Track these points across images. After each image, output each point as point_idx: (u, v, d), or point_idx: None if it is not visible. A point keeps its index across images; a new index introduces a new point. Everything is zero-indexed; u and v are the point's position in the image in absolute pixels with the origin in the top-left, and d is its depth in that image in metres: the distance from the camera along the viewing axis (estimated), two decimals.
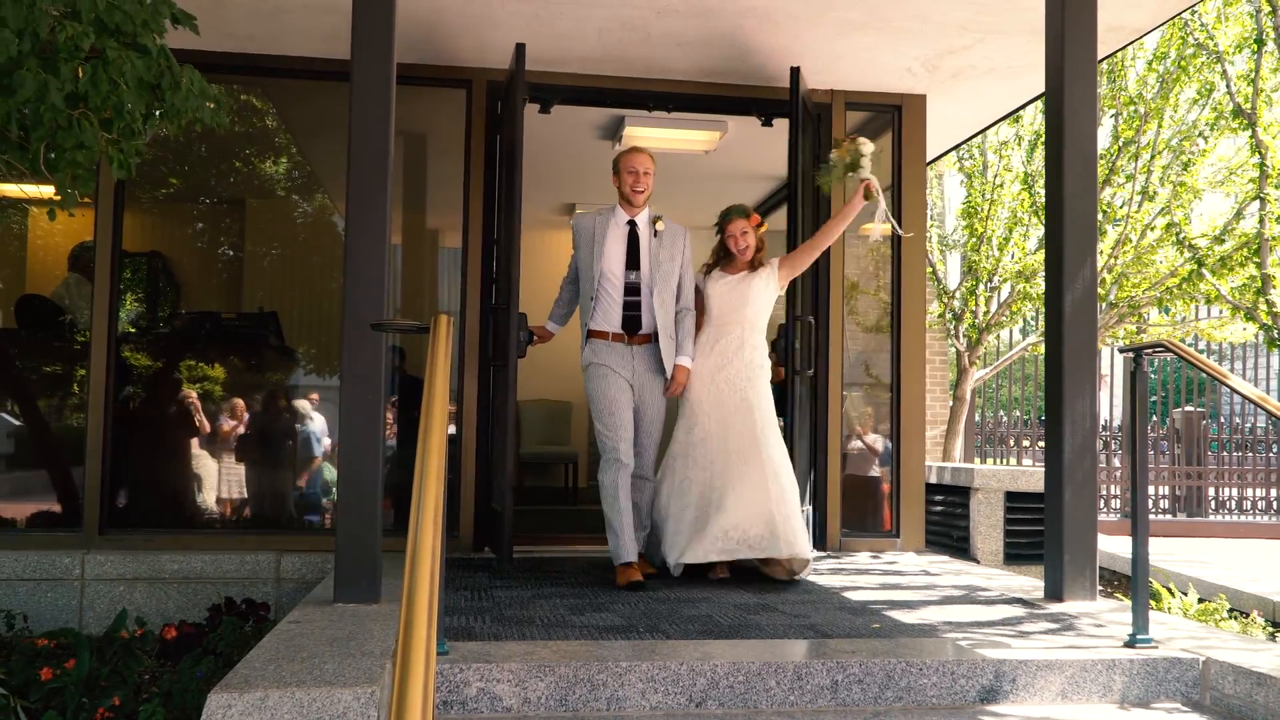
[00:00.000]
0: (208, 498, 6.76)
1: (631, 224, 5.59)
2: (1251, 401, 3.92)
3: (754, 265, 5.77)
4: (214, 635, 5.14)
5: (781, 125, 6.82)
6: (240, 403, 6.85)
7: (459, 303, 6.70)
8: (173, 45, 4.06)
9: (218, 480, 6.79)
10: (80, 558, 6.04)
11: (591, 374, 5.53)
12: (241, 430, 6.84)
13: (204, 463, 6.77)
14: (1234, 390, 3.99)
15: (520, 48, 6.03)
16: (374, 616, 4.15)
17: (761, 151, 7.99)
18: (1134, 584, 4.10)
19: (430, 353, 3.08)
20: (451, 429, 6.65)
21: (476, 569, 5.77)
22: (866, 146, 5.78)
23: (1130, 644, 3.96)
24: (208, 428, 6.76)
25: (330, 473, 6.86)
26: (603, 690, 3.52)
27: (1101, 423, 15.21)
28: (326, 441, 6.96)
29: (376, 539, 4.47)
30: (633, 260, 5.54)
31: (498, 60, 6.58)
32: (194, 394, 6.79)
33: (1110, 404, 16.80)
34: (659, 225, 5.61)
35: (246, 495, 6.87)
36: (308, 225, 7.38)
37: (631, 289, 5.53)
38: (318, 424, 7.07)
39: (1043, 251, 5.96)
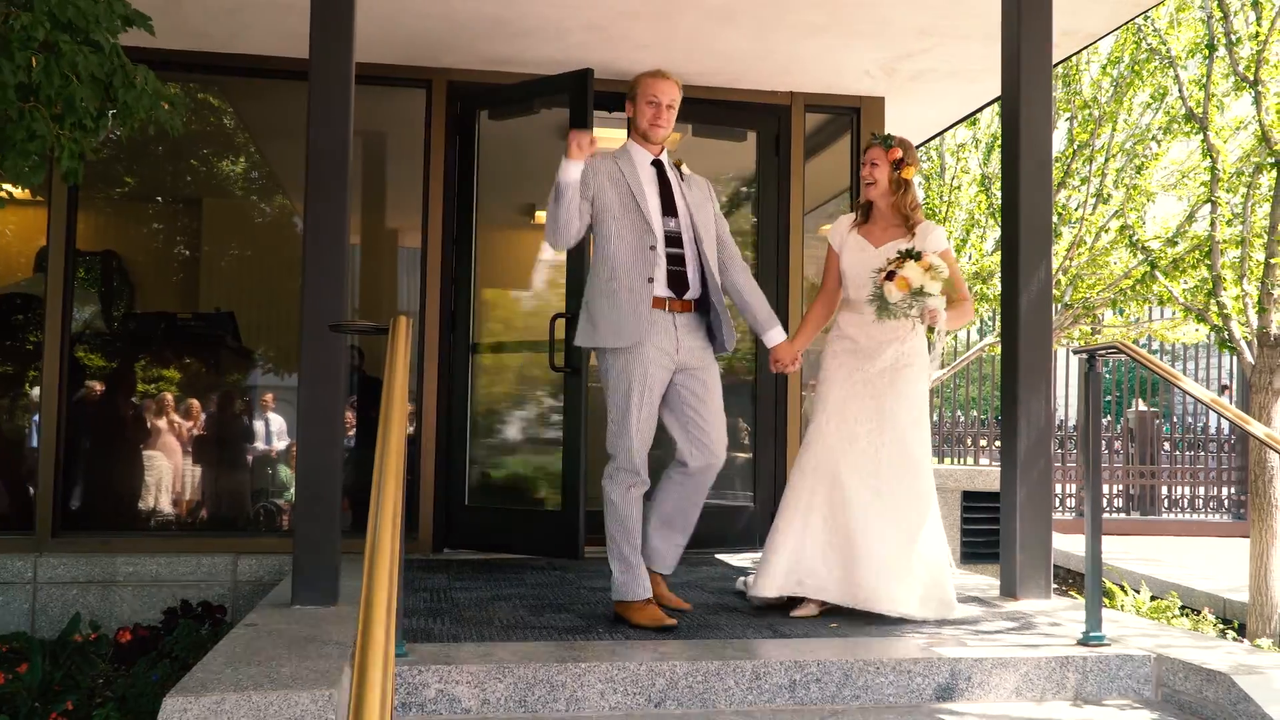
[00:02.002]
0: (163, 500, 6.70)
1: (657, 163, 4.52)
2: (1202, 403, 3.98)
3: (910, 226, 4.65)
4: (170, 639, 5.10)
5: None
6: (196, 404, 6.79)
7: (418, 303, 6.68)
8: (128, 44, 4.02)
9: (174, 482, 6.73)
10: (32, 561, 5.96)
11: (620, 355, 4.35)
12: (198, 431, 6.79)
13: (160, 464, 6.70)
14: (1185, 392, 4.06)
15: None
16: (332, 618, 4.13)
17: (724, 152, 8.02)
18: (1087, 583, 4.16)
19: (389, 354, 3.07)
20: (411, 430, 6.62)
21: (436, 570, 5.75)
22: (935, 270, 4.41)
23: (1084, 642, 4.01)
24: (163, 429, 6.70)
25: (288, 474, 6.82)
26: (562, 691, 3.52)
27: (1057, 422, 15.40)
28: (285, 442, 6.91)
29: (335, 541, 4.45)
30: (668, 204, 4.44)
31: (458, 60, 6.56)
32: (170, 395, 6.73)
33: (1066, 404, 17.00)
34: (683, 168, 4.64)
35: (203, 497, 6.82)
36: (266, 225, 7.33)
37: (673, 239, 4.40)
38: (276, 425, 7.03)
39: (999, 253, 6.03)
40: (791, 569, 4.50)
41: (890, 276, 4.36)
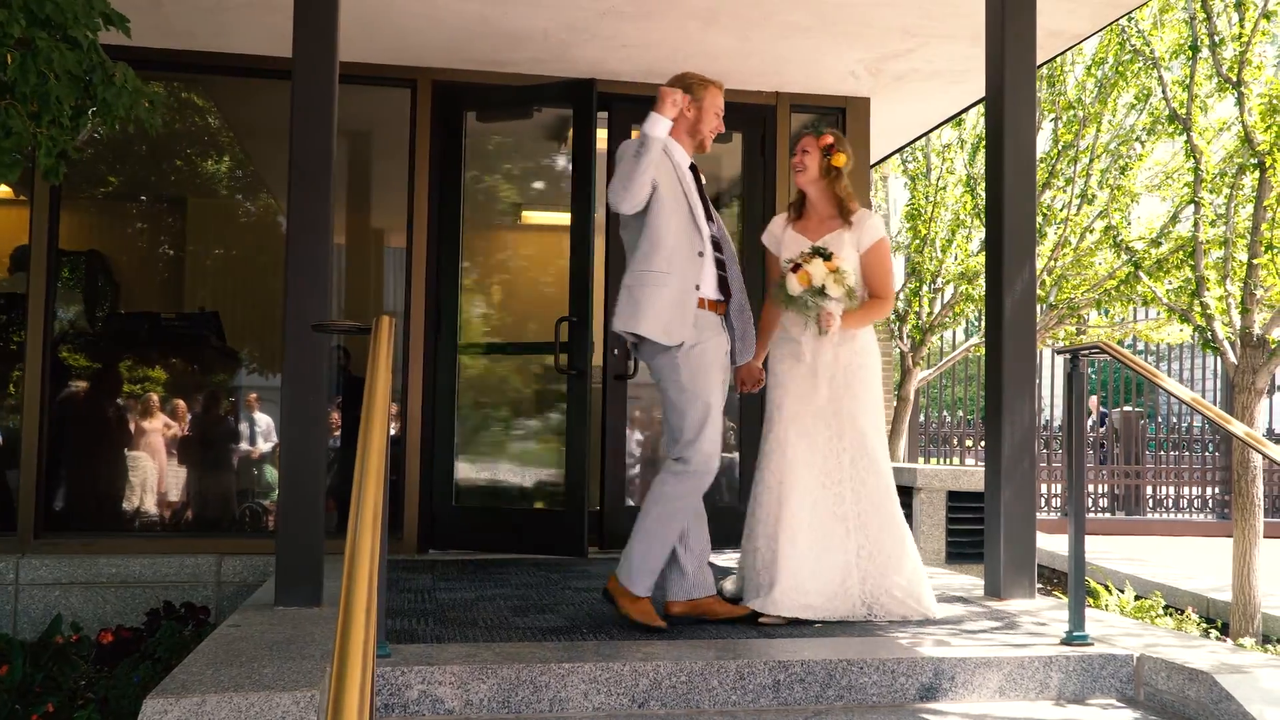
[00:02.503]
0: (147, 500, 6.67)
1: (693, 167, 4.46)
2: (1184, 402, 3.99)
3: (845, 216, 4.57)
4: (152, 640, 5.08)
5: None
6: (181, 404, 6.77)
7: (403, 303, 6.66)
8: (111, 43, 4.00)
9: (157, 483, 6.70)
10: (14, 562, 5.93)
11: (694, 356, 4.23)
12: (182, 432, 6.76)
13: (143, 465, 6.68)
14: (1168, 392, 4.07)
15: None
16: (315, 619, 4.12)
17: (709, 153, 8.01)
18: (1070, 582, 4.16)
19: (371, 354, 3.06)
20: (395, 430, 6.61)
21: (421, 571, 5.73)
22: (841, 274, 4.40)
23: (1067, 641, 4.02)
24: (147, 429, 6.67)
25: (273, 474, 6.79)
26: (545, 692, 3.51)
27: (1042, 422, 15.45)
28: (271, 443, 6.89)
29: (319, 541, 4.43)
30: (707, 209, 4.42)
31: (442, 59, 6.55)
32: (154, 396, 6.70)
33: (1051, 404, 17.05)
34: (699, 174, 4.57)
35: (187, 498, 6.79)
36: (251, 225, 7.31)
37: (715, 244, 4.38)
38: (260, 425, 7.01)
39: (984, 253, 6.05)
40: (796, 590, 4.36)
41: (796, 269, 4.35)
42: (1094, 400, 17.32)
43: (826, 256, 4.36)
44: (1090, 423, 15.59)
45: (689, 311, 4.22)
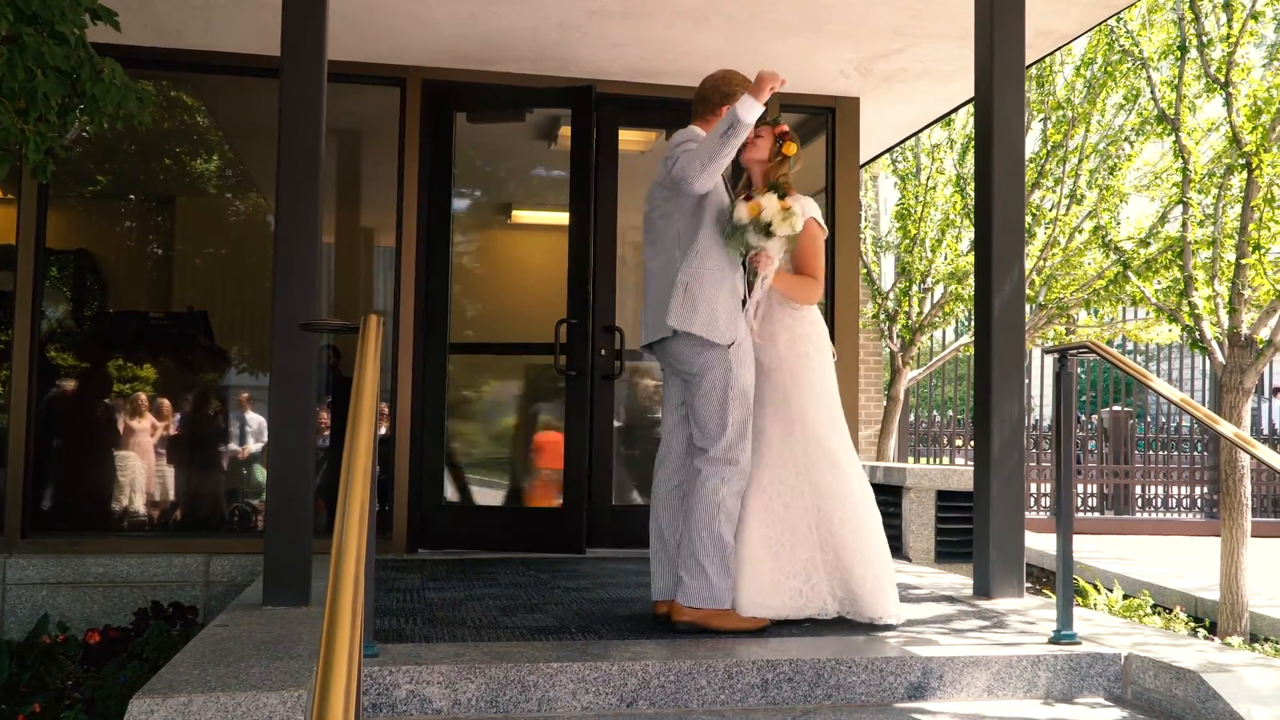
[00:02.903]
0: (135, 500, 6.65)
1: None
2: (1172, 402, 4.00)
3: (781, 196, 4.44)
4: (140, 640, 5.06)
5: None
6: (167, 403, 6.74)
7: (393, 302, 6.65)
8: (99, 40, 3.99)
9: (146, 482, 6.68)
10: (1, 562, 5.91)
11: (741, 353, 4.26)
12: (170, 431, 6.74)
13: (132, 465, 6.66)
14: (1156, 392, 4.08)
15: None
16: (303, 619, 4.11)
17: None
18: (1059, 581, 4.17)
19: (359, 353, 3.06)
20: (385, 430, 6.60)
21: (410, 570, 5.73)
22: (791, 217, 4.30)
23: (1055, 640, 4.02)
24: (135, 429, 6.65)
25: (263, 474, 6.77)
26: (534, 691, 3.51)
27: (1032, 422, 15.47)
28: (261, 443, 6.87)
29: (307, 541, 4.42)
30: None
31: (432, 58, 6.54)
32: (142, 395, 6.68)
33: (1041, 403, 17.07)
34: None
35: (176, 497, 6.77)
36: (240, 224, 7.29)
37: None
38: (249, 425, 6.99)
39: (973, 254, 6.05)
40: (758, 591, 4.28)
41: (748, 199, 4.26)
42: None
43: (781, 195, 4.26)
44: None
45: (738, 308, 4.26)
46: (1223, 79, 7.72)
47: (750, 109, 4.01)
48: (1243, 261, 7.64)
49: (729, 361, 4.20)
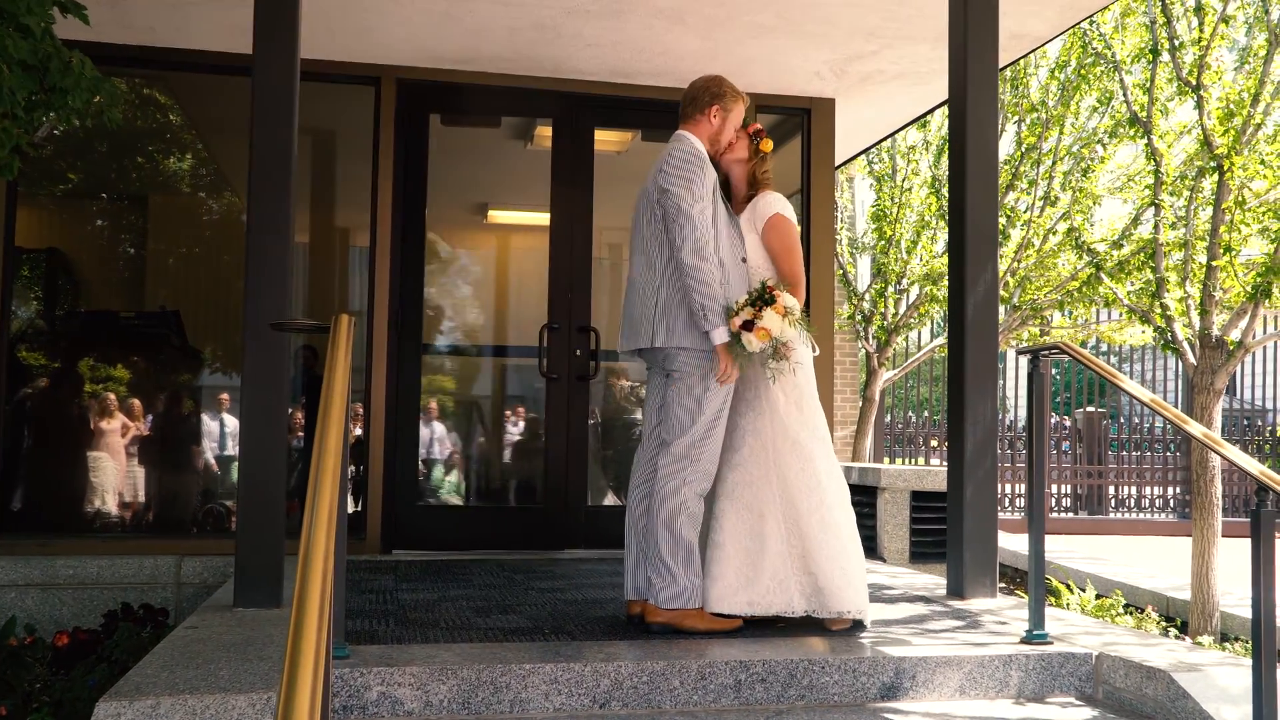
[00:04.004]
0: (107, 501, 6.59)
1: None
2: (1143, 403, 4.02)
3: (751, 194, 4.52)
4: (109, 642, 5.01)
5: None
6: (138, 404, 6.68)
7: (367, 302, 6.62)
8: (69, 36, 3.95)
9: (117, 483, 6.62)
10: None
11: (717, 359, 4.24)
12: (141, 432, 6.68)
13: (103, 465, 6.60)
14: (1126, 392, 4.10)
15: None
16: (275, 621, 4.08)
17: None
18: (1030, 581, 4.19)
19: (330, 352, 3.03)
20: (359, 431, 6.57)
21: (383, 572, 5.70)
22: (791, 313, 4.20)
23: (1027, 640, 4.04)
24: (106, 429, 6.59)
25: (235, 475, 6.73)
26: (506, 693, 3.49)
27: (1007, 423, 15.55)
28: (231, 443, 6.82)
29: (279, 542, 4.40)
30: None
31: (407, 57, 6.52)
32: (112, 395, 6.62)
33: (1015, 404, 17.16)
34: None
35: (147, 499, 6.71)
36: (214, 223, 7.23)
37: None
38: (229, 426, 6.94)
39: (947, 255, 6.07)
40: (729, 588, 4.24)
41: (749, 326, 4.13)
42: None
43: (770, 301, 4.17)
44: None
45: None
46: (1194, 82, 7.78)
47: (716, 337, 4.12)
48: (1214, 263, 7.70)
49: (710, 362, 4.20)
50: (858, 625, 4.30)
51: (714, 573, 4.25)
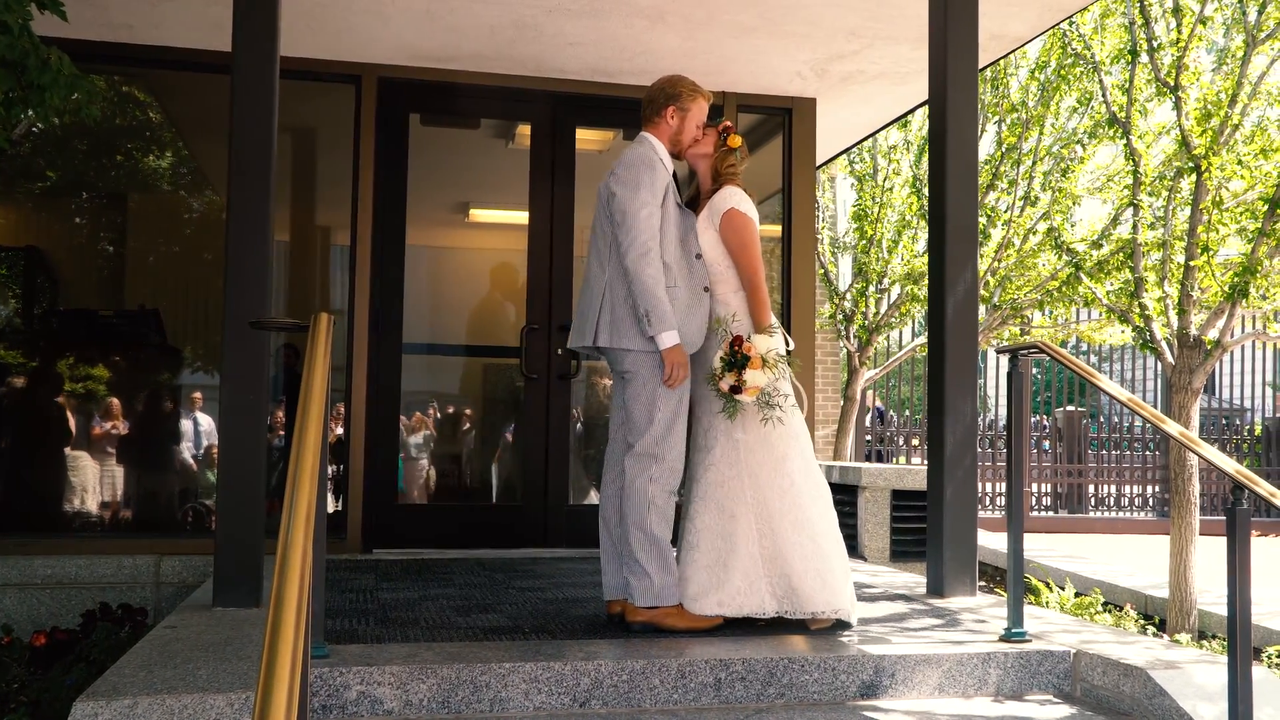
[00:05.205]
0: (85, 501, 6.55)
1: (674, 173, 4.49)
2: (1120, 402, 4.05)
3: (715, 188, 4.49)
4: (88, 642, 4.99)
5: None
6: (116, 403, 6.65)
7: (348, 301, 6.61)
8: (47, 33, 3.93)
9: (96, 483, 6.58)
10: None
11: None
12: (120, 431, 6.65)
13: (81, 465, 6.56)
14: (1104, 391, 4.12)
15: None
16: (254, 620, 4.07)
17: None
18: (1009, 580, 4.21)
19: (309, 351, 3.02)
20: (340, 430, 6.56)
21: (364, 571, 5.68)
22: (771, 363, 4.24)
23: (1006, 638, 4.06)
24: (84, 429, 6.56)
25: (215, 474, 6.70)
26: (486, 692, 3.49)
27: (987, 422, 15.60)
28: (212, 443, 6.80)
29: (258, 541, 4.39)
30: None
31: (387, 55, 6.50)
32: (92, 395, 6.58)
33: (995, 403, 17.22)
34: None
35: (126, 498, 6.68)
36: (194, 221, 7.20)
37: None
38: (202, 424, 6.91)
39: (927, 255, 6.09)
40: (704, 588, 4.21)
41: (737, 390, 4.14)
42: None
43: (745, 361, 4.13)
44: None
45: (701, 316, 4.31)
46: (1172, 83, 7.82)
47: (663, 341, 4.11)
48: (1191, 263, 7.74)
49: (658, 360, 4.19)
50: (841, 625, 4.29)
51: (686, 574, 4.24)
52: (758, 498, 4.27)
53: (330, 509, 6.36)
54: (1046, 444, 15.64)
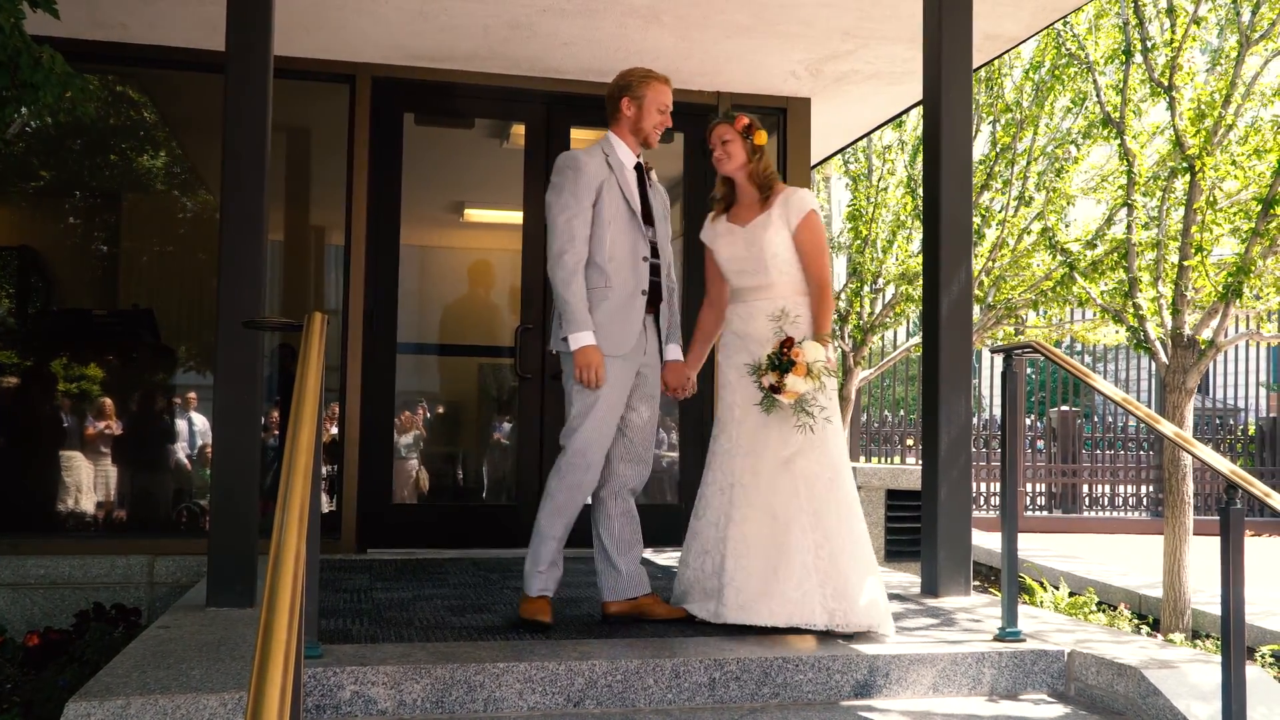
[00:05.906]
0: (79, 500, 6.54)
1: (638, 167, 4.42)
2: (1114, 402, 4.05)
3: (766, 200, 4.38)
4: (81, 642, 4.98)
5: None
6: (110, 402, 6.63)
7: (342, 301, 6.60)
8: (40, 32, 3.92)
9: (90, 483, 6.57)
10: None
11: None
12: (114, 431, 6.63)
13: (75, 465, 6.55)
14: (1098, 391, 4.12)
15: None
16: (248, 620, 4.07)
17: (651, 154, 8.01)
18: (1003, 579, 4.21)
19: (302, 351, 3.02)
20: (334, 430, 6.55)
21: (358, 571, 5.68)
22: (814, 369, 4.16)
23: (1000, 638, 4.06)
24: (78, 429, 6.54)
25: (209, 474, 6.69)
26: (480, 692, 3.49)
27: (981, 421, 15.61)
28: (205, 442, 6.79)
29: (253, 541, 4.38)
30: (648, 213, 4.38)
31: (381, 55, 6.49)
32: (86, 394, 6.57)
33: (990, 403, 17.23)
34: (653, 174, 4.53)
35: (120, 498, 6.67)
36: (188, 221, 7.19)
37: (652, 248, 4.37)
38: (196, 424, 6.90)
39: (922, 254, 6.08)
40: (749, 597, 4.16)
41: (777, 389, 4.11)
42: None
43: (790, 365, 4.09)
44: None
45: (636, 326, 4.26)
46: (1166, 83, 7.83)
47: (576, 342, 4.15)
48: (1185, 263, 7.75)
49: (570, 364, 4.21)
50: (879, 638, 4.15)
51: (733, 577, 4.18)
52: (814, 504, 4.19)
53: (325, 509, 6.36)
54: (1041, 444, 15.64)
